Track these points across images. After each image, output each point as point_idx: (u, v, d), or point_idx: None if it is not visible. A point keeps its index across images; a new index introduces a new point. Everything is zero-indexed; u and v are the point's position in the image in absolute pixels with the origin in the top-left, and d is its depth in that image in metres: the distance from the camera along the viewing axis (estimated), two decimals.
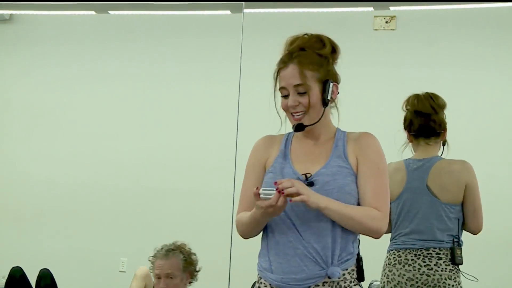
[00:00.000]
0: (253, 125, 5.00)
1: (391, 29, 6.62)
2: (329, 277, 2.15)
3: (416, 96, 3.30)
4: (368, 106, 6.10)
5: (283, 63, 2.29)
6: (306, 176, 2.20)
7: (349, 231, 2.19)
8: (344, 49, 2.39)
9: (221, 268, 4.92)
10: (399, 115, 3.42)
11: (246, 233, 2.34)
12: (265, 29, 6.65)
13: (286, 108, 2.27)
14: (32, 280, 6.26)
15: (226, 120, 6.27)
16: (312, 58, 2.27)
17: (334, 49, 2.34)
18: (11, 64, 7.36)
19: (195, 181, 6.86)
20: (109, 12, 7.00)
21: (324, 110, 2.28)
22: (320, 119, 2.27)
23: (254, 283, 5.56)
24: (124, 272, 6.86)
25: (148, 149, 7.00)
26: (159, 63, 7.11)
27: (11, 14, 7.30)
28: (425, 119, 3.25)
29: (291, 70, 2.26)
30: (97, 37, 7.29)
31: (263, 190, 2.12)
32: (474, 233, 3.23)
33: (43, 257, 6.64)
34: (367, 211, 2.18)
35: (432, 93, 3.29)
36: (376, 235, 2.20)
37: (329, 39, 2.35)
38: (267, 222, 2.24)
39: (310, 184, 2.17)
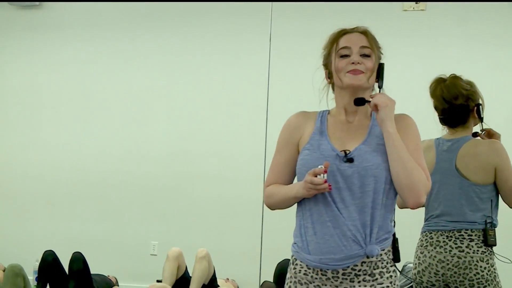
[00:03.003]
0: (283, 110, 4.99)
1: (421, 10, 6.56)
2: (367, 257, 2.14)
3: (434, 87, 3.27)
4: (398, 87, 6.06)
5: (345, 30, 2.30)
6: (345, 152, 2.18)
7: (388, 208, 2.19)
8: (373, 30, 2.38)
9: (252, 249, 4.96)
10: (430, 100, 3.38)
11: (275, 206, 2.33)
12: (294, 9, 6.63)
13: (341, 68, 2.25)
14: (65, 264, 6.35)
15: (256, 105, 6.27)
16: (374, 38, 2.31)
17: None
18: (41, 49, 7.42)
19: (225, 165, 6.88)
20: None
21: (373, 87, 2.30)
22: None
23: (279, 263, 5.59)
24: (155, 255, 6.92)
25: (178, 134, 7.04)
26: (189, 47, 7.13)
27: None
28: (444, 112, 3.23)
29: (357, 35, 2.28)
30: (126, 22, 7.32)
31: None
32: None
33: (75, 241, 6.73)
34: (422, 173, 2.16)
35: (447, 83, 3.22)
36: (414, 200, 2.15)
37: None
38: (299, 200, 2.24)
39: (350, 160, 2.17)
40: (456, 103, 3.18)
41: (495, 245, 3.08)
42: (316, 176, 2.10)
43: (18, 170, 7.21)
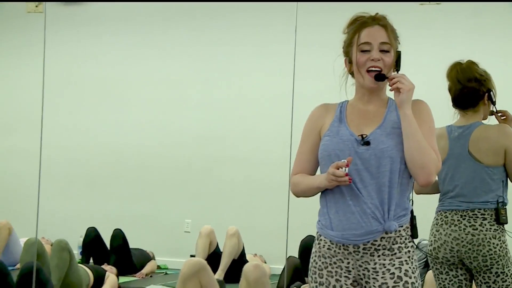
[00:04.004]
0: (308, 96, 5.01)
1: (437, 3, 6.51)
2: (386, 232, 2.16)
3: (450, 69, 3.23)
4: (414, 77, 6.03)
5: (366, 23, 2.27)
6: (362, 137, 2.20)
7: (404, 187, 2.20)
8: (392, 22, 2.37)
9: (279, 227, 4.98)
10: (444, 89, 3.34)
11: (300, 194, 2.35)
12: (318, 2, 6.62)
13: (363, 63, 2.25)
14: (106, 239, 6.43)
15: (282, 92, 6.26)
16: (393, 29, 2.30)
17: None
18: (83, 42, 7.49)
19: (253, 149, 6.91)
20: None
21: None
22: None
23: (303, 239, 5.62)
24: (189, 232, 6.97)
25: (209, 120, 7.07)
26: (219, 38, 7.14)
27: None
28: (456, 93, 3.19)
29: (378, 29, 2.25)
30: (159, 15, 7.35)
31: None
32: None
33: (115, 219, 6.80)
34: (433, 154, 2.17)
35: (463, 66, 3.19)
36: (425, 178, 2.16)
37: None
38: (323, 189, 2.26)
39: (367, 143, 2.18)
40: (469, 85, 3.14)
41: (506, 223, 3.07)
42: (338, 169, 2.12)
43: (63, 154, 7.27)
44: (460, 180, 3.11)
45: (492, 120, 3.29)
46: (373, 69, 2.23)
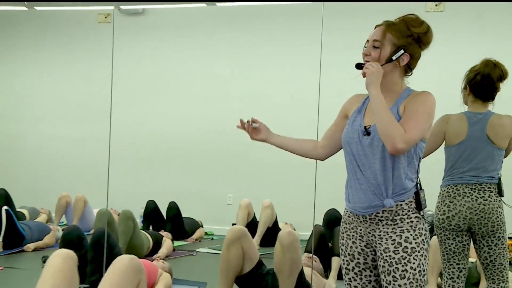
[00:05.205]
0: (332, 90, 5.05)
1: (440, 11, 6.45)
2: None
3: (486, 62, 3.16)
4: (423, 77, 5.99)
5: (379, 25, 2.26)
6: (365, 127, 2.21)
7: (399, 171, 2.16)
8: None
9: (307, 200, 5.03)
10: (449, 90, 3.30)
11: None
12: (342, 8, 6.60)
13: (363, 57, 2.25)
14: (163, 210, 6.55)
15: (310, 86, 6.28)
16: (400, 27, 2.21)
17: (427, 33, 2.24)
18: (144, 46, 7.56)
19: (284, 134, 6.92)
20: (217, 4, 7.12)
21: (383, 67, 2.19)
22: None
23: (327, 212, 5.64)
24: (231, 205, 7.05)
25: (248, 110, 7.04)
26: (256, 41, 7.17)
27: (143, 8, 7.51)
28: (485, 85, 3.13)
29: (379, 29, 2.23)
30: (206, 22, 7.38)
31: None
32: None
33: (170, 193, 6.88)
34: (397, 125, 2.10)
35: (497, 64, 3.14)
36: (391, 146, 2.09)
37: (429, 26, 2.24)
38: (277, 144, 2.63)
39: (368, 133, 2.19)
40: (500, 82, 3.12)
41: (503, 196, 3.12)
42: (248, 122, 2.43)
43: (126, 140, 7.37)
44: (476, 158, 3.11)
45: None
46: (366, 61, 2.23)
